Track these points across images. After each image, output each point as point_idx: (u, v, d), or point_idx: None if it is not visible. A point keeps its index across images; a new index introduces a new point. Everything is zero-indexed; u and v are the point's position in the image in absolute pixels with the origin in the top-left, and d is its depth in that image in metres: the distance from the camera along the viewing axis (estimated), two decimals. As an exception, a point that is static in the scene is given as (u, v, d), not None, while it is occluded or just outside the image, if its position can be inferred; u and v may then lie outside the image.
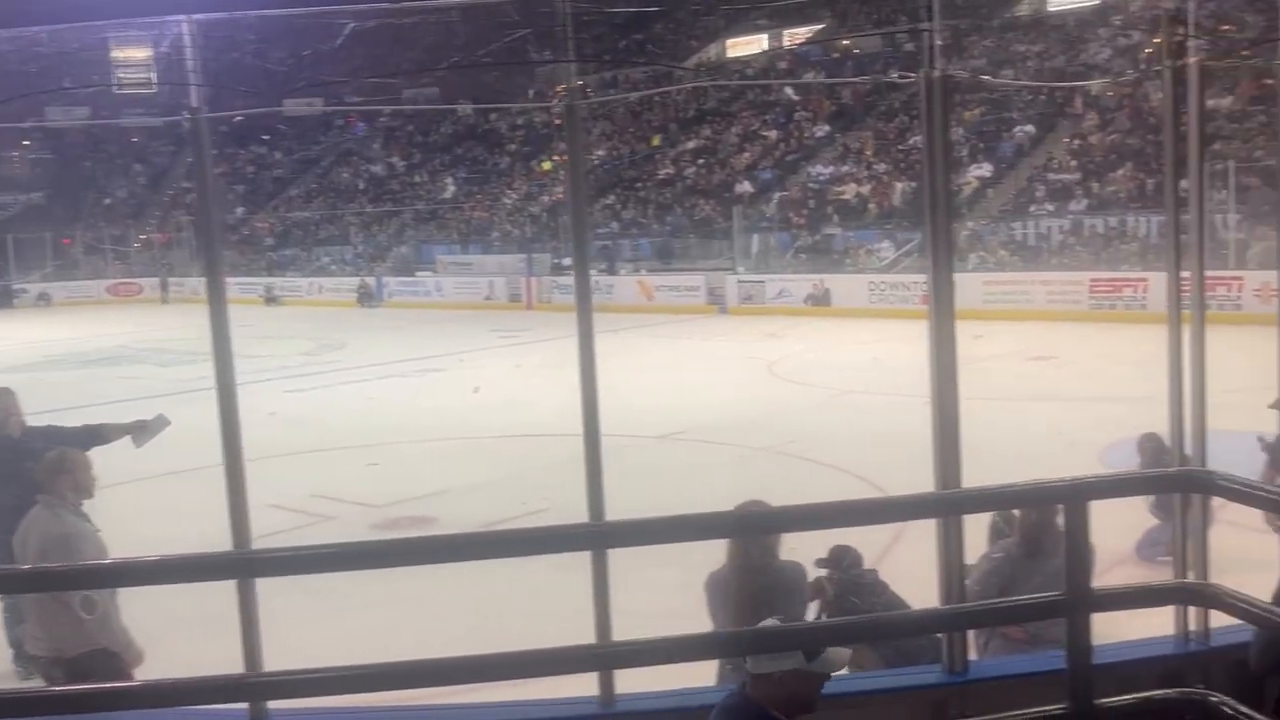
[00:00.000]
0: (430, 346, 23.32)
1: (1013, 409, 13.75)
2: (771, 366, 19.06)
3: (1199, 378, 4.08)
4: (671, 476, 11.34)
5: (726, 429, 13.55)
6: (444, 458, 12.45)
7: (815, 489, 10.38)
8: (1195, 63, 4.05)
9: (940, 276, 3.90)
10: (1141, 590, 2.59)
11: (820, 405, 15.18)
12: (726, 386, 17.04)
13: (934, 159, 3.86)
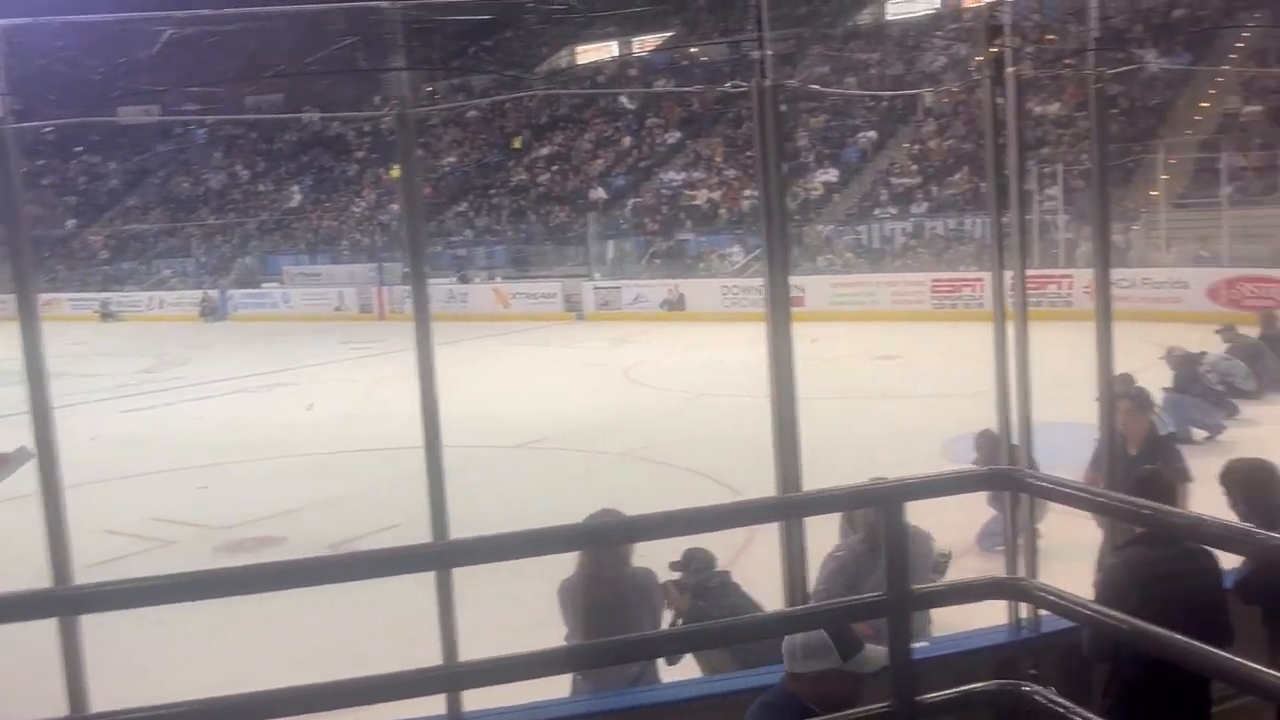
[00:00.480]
0: (278, 360, 22.67)
1: (860, 407, 14.15)
2: (628, 372, 19.15)
3: (1024, 373, 4.24)
4: (529, 485, 11.29)
5: (584, 435, 13.56)
6: (292, 475, 12.10)
7: (671, 494, 10.44)
8: (1013, 73, 4.21)
9: (776, 281, 3.97)
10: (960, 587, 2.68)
11: (676, 409, 15.31)
12: (584, 393, 17.05)
13: (768, 167, 3.92)
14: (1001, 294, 4.39)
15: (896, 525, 2.24)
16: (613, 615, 4.69)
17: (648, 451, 12.34)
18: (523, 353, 23.02)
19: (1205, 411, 11.25)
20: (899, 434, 12.02)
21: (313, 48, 3.80)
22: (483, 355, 22.19)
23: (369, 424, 14.19)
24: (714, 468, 10.88)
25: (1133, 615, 3.83)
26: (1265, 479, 4.68)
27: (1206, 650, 1.99)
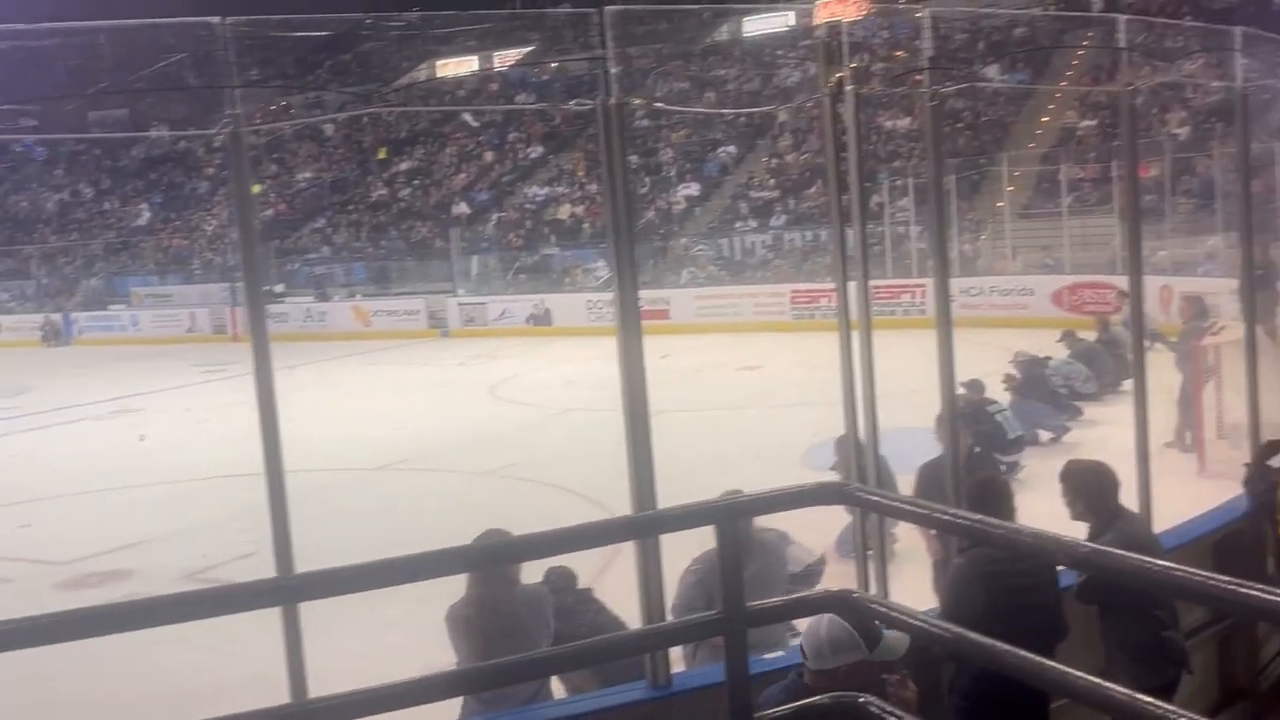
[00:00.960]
0: (126, 385, 21.73)
1: (723, 418, 14.31)
2: (494, 388, 18.98)
3: (869, 382, 4.34)
4: (390, 507, 11.06)
5: (448, 454, 13.38)
6: (143, 505, 11.63)
7: (536, 511, 10.37)
8: (852, 91, 4.31)
9: (626, 297, 3.97)
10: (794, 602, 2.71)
11: (541, 425, 15.24)
12: (448, 411, 16.83)
13: (614, 184, 3.92)
14: (847, 305, 4.48)
15: (730, 543, 2.26)
16: (508, 637, 4.59)
17: (513, 469, 12.24)
18: (385, 371, 22.59)
19: (1049, 414, 11.72)
20: (761, 444, 12.18)
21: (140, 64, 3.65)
22: (343, 375, 21.73)
23: (223, 448, 13.70)
24: (580, 483, 10.84)
25: (978, 613, 3.97)
26: (1101, 480, 4.88)
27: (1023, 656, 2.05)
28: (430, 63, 44.78)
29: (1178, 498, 6.74)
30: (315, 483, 11.62)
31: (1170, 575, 1.75)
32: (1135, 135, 5.45)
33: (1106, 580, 4.02)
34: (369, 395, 19.05)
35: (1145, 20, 7.27)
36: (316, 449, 13.40)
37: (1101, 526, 4.75)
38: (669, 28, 37.38)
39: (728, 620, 2.27)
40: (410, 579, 2.79)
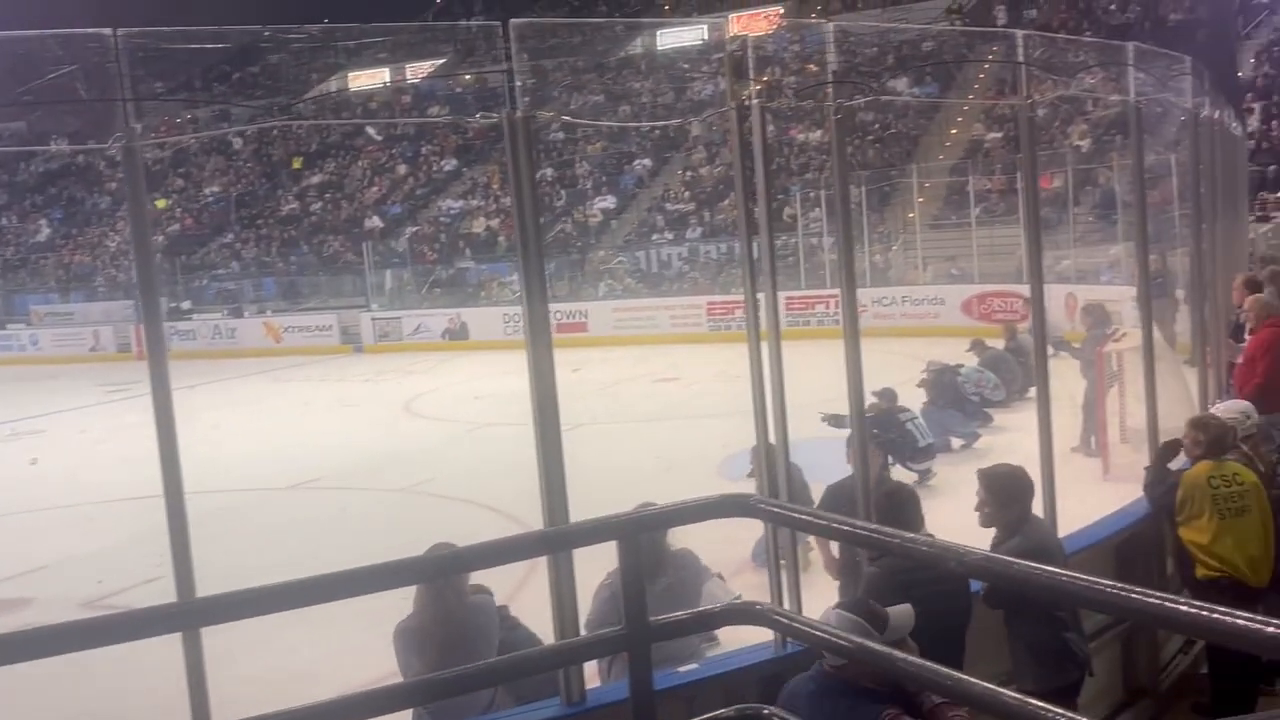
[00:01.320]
0: (25, 407, 21.03)
1: (641, 430, 14.32)
2: (409, 404, 18.77)
3: (779, 392, 4.36)
4: (302, 527, 10.86)
5: (363, 472, 13.18)
6: (41, 530, 11.25)
7: (452, 528, 10.25)
8: (757, 105, 4.35)
9: (535, 310, 3.94)
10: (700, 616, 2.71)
11: (458, 440, 15.09)
12: (362, 428, 16.58)
13: (522, 196, 3.89)
14: (756, 316, 4.51)
15: (632, 558, 2.24)
16: (460, 648, 4.53)
17: (429, 486, 12.10)
18: (297, 388, 22.19)
19: (961, 421, 11.93)
20: (677, 455, 12.21)
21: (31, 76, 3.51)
22: (254, 393, 21.31)
23: (126, 470, 13.32)
24: (496, 499, 10.74)
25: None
26: (1018, 485, 4.95)
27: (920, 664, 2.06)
28: (341, 75, 44.22)
29: (1083, 501, 6.90)
30: (224, 503, 11.36)
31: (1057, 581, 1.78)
32: (1035, 147, 5.57)
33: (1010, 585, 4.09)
34: (280, 413, 18.69)
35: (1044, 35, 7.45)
36: (225, 468, 13.11)
37: (1009, 531, 4.83)
38: (583, 41, 37.43)
39: (630, 636, 2.25)
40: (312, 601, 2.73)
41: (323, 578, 2.64)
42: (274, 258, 34.26)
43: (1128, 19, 31.49)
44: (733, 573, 7.49)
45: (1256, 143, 23.34)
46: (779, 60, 29.89)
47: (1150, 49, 6.82)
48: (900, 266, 25.37)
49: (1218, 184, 10.41)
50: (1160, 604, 1.56)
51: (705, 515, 2.40)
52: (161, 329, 3.62)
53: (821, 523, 2.34)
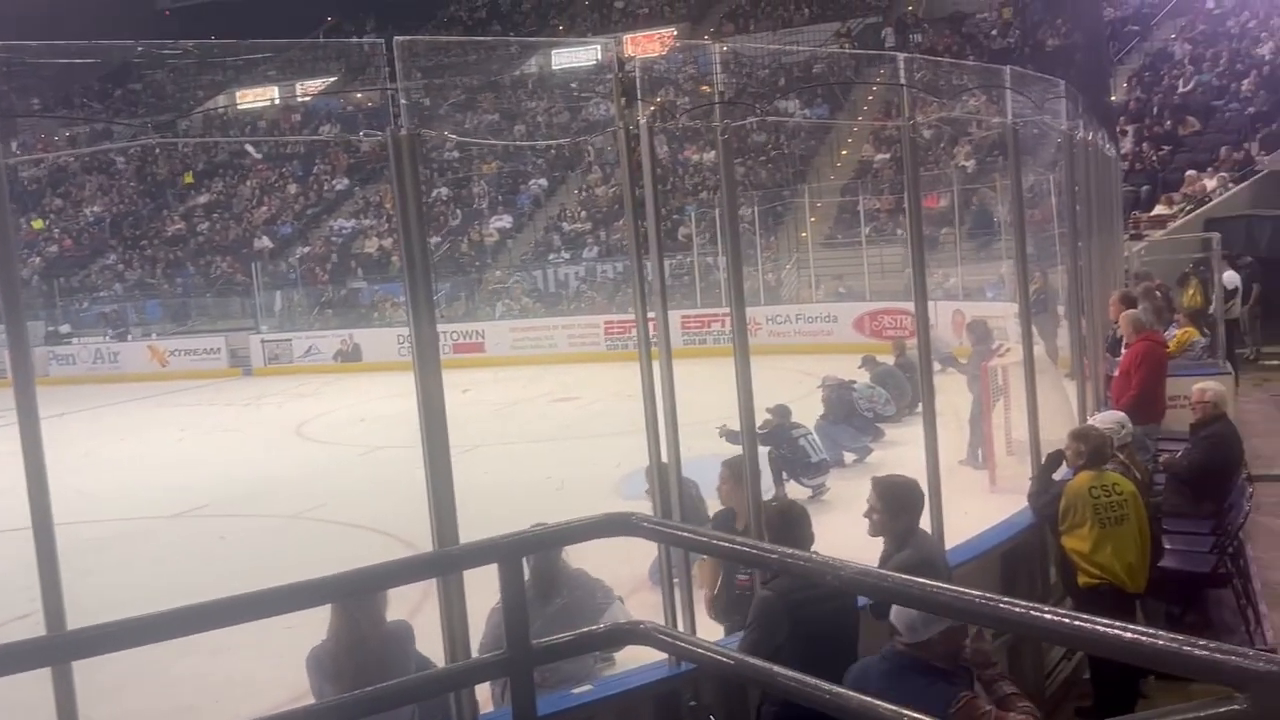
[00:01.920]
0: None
1: (540, 450, 14.24)
2: (301, 428, 18.37)
3: (671, 409, 4.38)
4: (188, 556, 10.52)
5: (253, 499, 12.85)
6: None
7: (342, 554, 10.05)
8: (646, 124, 4.37)
9: (423, 332, 3.88)
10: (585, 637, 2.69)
11: (351, 464, 14.82)
12: (251, 453, 16.18)
13: (408, 215, 3.83)
14: (647, 335, 4.52)
15: (513, 581, 2.21)
16: (375, 674, 4.42)
17: (320, 511, 11.84)
18: (184, 413, 21.55)
19: (853, 436, 12.13)
20: (576, 475, 12.17)
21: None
22: (138, 419, 20.66)
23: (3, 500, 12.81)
24: (390, 523, 10.57)
25: (785, 641, 4.04)
26: (910, 496, 5.04)
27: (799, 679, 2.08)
28: (229, 92, 43.32)
29: (970, 513, 7.06)
30: (105, 534, 10.97)
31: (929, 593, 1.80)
32: (918, 167, 5.71)
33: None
34: (166, 439, 18.12)
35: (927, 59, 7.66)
36: (108, 498, 12.67)
37: (897, 543, 4.91)
38: (477, 60, 37.32)
39: (512, 660, 2.22)
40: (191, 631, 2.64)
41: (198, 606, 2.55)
42: (159, 279, 33.28)
43: (1008, 44, 32.56)
44: (630, 591, 7.48)
45: (1130, 164, 24.28)
46: (673, 81, 30.18)
47: (1027, 73, 7.05)
48: (794, 285, 25.76)
49: (1093, 203, 10.80)
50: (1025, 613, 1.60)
51: (588, 535, 2.38)
52: (28, 353, 3.47)
53: (702, 539, 2.34)
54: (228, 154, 38.44)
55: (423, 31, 44.58)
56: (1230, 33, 28.53)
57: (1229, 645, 1.50)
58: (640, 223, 4.60)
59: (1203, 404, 8.30)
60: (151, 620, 2.58)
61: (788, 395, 11.55)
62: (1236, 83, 25.65)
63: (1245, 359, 17.74)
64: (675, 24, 40.71)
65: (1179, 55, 28.65)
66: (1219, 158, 23.04)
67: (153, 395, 23.85)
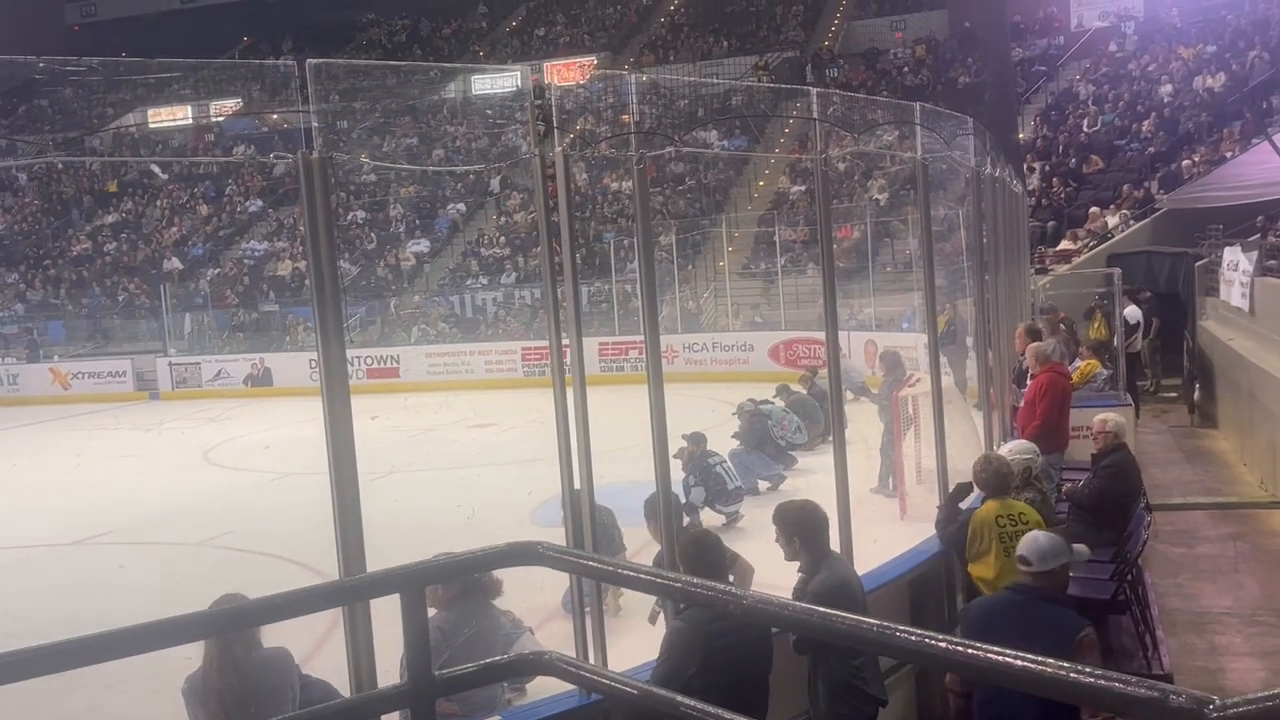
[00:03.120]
0: None
1: (457, 477, 14.10)
2: (208, 453, 17.95)
3: (583, 436, 4.37)
4: (88, 585, 10.20)
5: (157, 526, 12.52)
6: None
7: (249, 582, 9.80)
8: (560, 153, 4.38)
9: (331, 356, 3.83)
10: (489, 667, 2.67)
11: (259, 490, 14.52)
12: (157, 479, 15.75)
13: (317, 238, 3.80)
14: (561, 362, 4.52)
15: (415, 612, 2.18)
16: (251, 702, 4.31)
17: (227, 539, 11.57)
18: (86, 438, 20.92)
19: (766, 465, 12.22)
20: (492, 501, 12.07)
21: None
22: (38, 445, 20.01)
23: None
24: (298, 551, 10.36)
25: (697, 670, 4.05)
26: (812, 519, 5.09)
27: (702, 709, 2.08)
28: (140, 111, 42.40)
29: (880, 540, 7.16)
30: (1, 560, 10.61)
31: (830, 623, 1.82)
32: (829, 200, 5.80)
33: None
34: (66, 464, 17.58)
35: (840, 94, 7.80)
36: (4, 523, 12.25)
37: (812, 568, 4.95)
38: (397, 83, 37.06)
39: (414, 691, 2.19)
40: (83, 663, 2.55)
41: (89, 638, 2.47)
42: (63, 300, 32.35)
43: (920, 81, 33.34)
44: (543, 620, 7.42)
45: (1036, 200, 25.00)
46: (593, 110, 30.30)
47: (937, 109, 7.23)
48: (711, 313, 25.95)
49: (1000, 237, 11.07)
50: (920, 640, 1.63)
51: (492, 564, 2.36)
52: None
53: (608, 569, 2.34)
54: (137, 173, 37.60)
55: (341, 55, 44.20)
56: (1132, 75, 29.60)
57: (1114, 672, 1.54)
58: (556, 250, 4.60)
59: (1104, 434, 8.53)
60: (44, 651, 2.48)
61: (704, 423, 11.61)
62: (1138, 123, 26.60)
63: (1145, 391, 18.32)
64: (596, 53, 40.94)
65: (1083, 95, 29.63)
66: (1121, 195, 23.84)
67: (54, 419, 23.15)
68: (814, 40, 38.92)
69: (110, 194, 37.13)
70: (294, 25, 48.39)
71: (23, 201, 37.80)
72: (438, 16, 46.87)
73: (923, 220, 6.77)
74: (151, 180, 37.12)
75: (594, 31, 43.13)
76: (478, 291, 28.73)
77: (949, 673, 5.13)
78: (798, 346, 22.31)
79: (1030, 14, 35.16)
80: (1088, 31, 34.02)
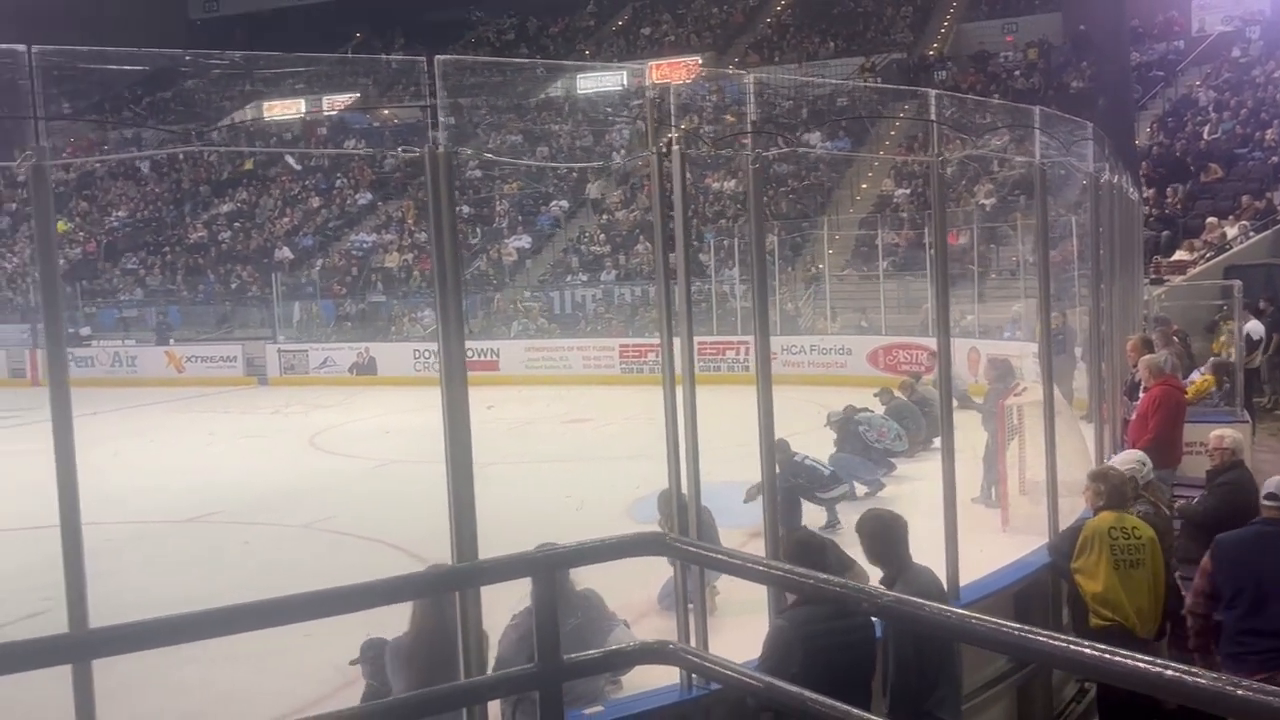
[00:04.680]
0: (-92, 431, 20.17)
1: (551, 471, 14.26)
2: (314, 439, 18.42)
3: (692, 435, 4.40)
4: (198, 562, 10.57)
5: (264, 507, 12.88)
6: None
7: (353, 566, 10.07)
8: (679, 152, 4.41)
9: (451, 348, 3.92)
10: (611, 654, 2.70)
11: (363, 476, 14.85)
12: (264, 462, 16.22)
13: (441, 233, 3.88)
14: (672, 360, 4.55)
15: (547, 595, 2.23)
16: (450, 666, 4.47)
17: (331, 522, 11.87)
18: (198, 420, 21.64)
19: (867, 469, 12.10)
20: (588, 497, 12.18)
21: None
22: (153, 423, 20.74)
23: (11, 501, 12.85)
24: (399, 536, 10.59)
25: (798, 670, 4.05)
26: (890, 530, 5.04)
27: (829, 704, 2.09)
28: (256, 104, 43.66)
29: (982, 550, 7.05)
30: (118, 535, 11.02)
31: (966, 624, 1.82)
32: (944, 203, 5.74)
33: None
34: (180, 444, 18.20)
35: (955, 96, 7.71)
36: (121, 500, 12.72)
37: (891, 578, 4.91)
38: (504, 80, 37.55)
39: (542, 674, 2.24)
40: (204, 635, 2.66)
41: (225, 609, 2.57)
42: (179, 286, 33.49)
43: (1032, 85, 32.64)
44: (639, 615, 7.47)
45: (1150, 208, 24.31)
46: (698, 109, 30.32)
47: (1055, 114, 7.09)
48: (810, 316, 25.77)
49: (1115, 246, 10.80)
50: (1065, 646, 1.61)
51: (620, 554, 2.41)
52: (64, 356, 3.52)
53: (735, 562, 2.37)
54: (252, 164, 38.71)
55: (450, 51, 44.92)
56: (1255, 81, 28.57)
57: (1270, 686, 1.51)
58: (668, 249, 4.63)
59: (1220, 450, 8.27)
60: (179, 620, 2.59)
61: (800, 426, 11.56)
62: (1260, 131, 25.66)
63: (1262, 408, 17.68)
64: (701, 52, 40.94)
65: (1203, 102, 28.68)
66: (1240, 206, 23.02)
67: (169, 400, 23.97)
68: (922, 42, 38.37)
69: (220, 185, 38.29)
70: (405, 22, 49.34)
71: (144, 190, 39.19)
72: (545, 15, 47.34)
73: (1039, 227, 6.65)
74: (266, 171, 38.13)
75: (700, 31, 43.13)
76: (577, 288, 28.96)
77: (1194, 598, 5.39)
78: (898, 352, 22.03)
79: (1149, 18, 34.17)
80: (1209, 36, 32.92)
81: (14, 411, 22.00)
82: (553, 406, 20.28)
